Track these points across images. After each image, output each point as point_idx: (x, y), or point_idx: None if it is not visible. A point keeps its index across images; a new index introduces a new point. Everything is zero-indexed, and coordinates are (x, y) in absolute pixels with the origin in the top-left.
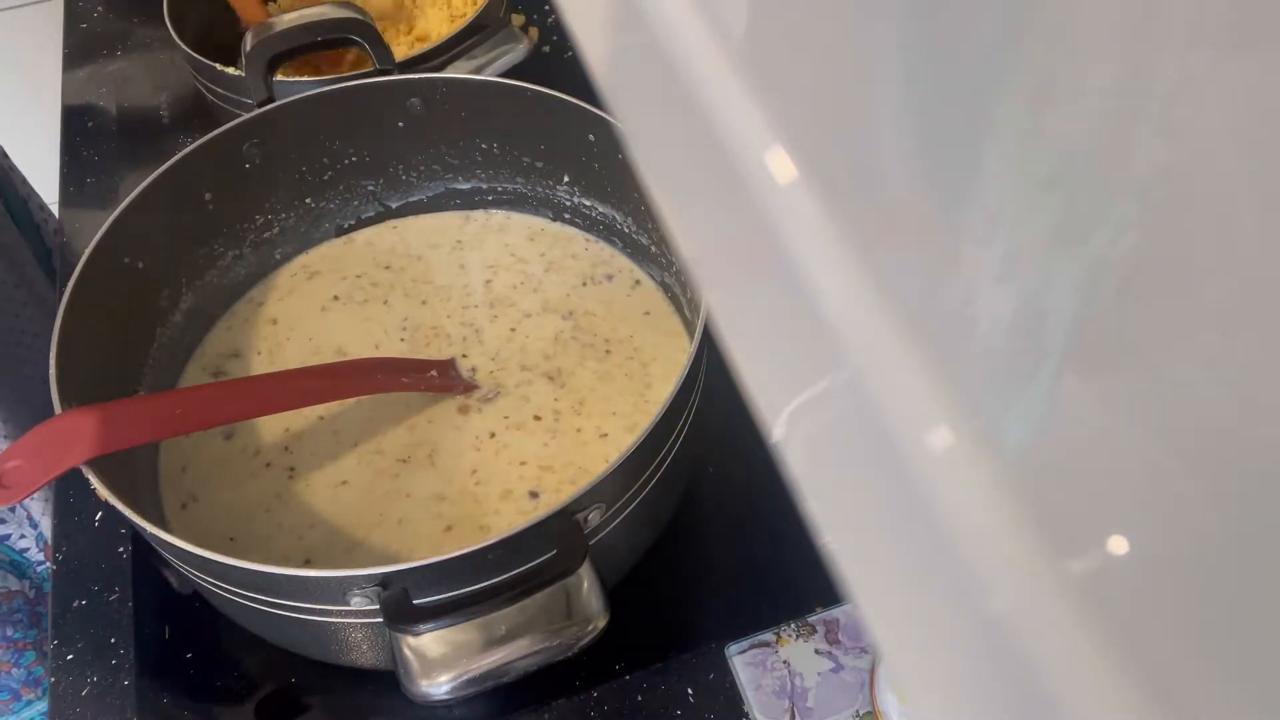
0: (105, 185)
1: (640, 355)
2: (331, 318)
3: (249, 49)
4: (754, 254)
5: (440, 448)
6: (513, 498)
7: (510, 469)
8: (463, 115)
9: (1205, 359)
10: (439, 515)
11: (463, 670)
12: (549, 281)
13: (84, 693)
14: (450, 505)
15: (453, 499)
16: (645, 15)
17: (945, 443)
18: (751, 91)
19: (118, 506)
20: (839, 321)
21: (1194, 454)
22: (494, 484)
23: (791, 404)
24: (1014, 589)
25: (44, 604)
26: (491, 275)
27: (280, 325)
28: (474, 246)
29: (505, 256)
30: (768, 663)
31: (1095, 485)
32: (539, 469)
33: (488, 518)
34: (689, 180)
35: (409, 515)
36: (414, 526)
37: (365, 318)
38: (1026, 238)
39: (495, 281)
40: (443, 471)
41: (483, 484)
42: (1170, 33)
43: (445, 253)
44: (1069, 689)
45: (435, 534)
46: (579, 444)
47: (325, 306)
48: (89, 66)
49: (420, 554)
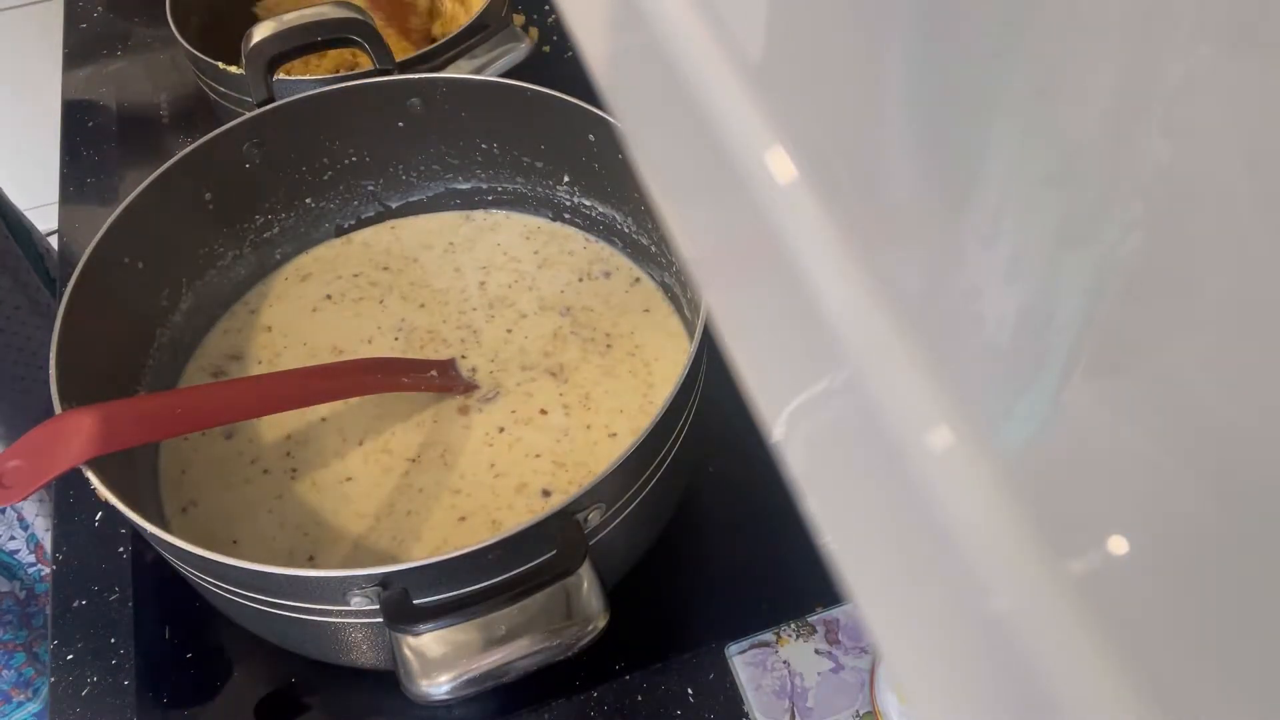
0: (105, 185)
1: (642, 353)
2: (324, 317)
3: (249, 49)
4: (754, 254)
5: (450, 446)
6: (527, 492)
7: (526, 462)
8: (463, 115)
9: (1205, 359)
10: (453, 507)
11: (463, 670)
12: (546, 279)
13: (84, 693)
14: (465, 498)
15: (468, 491)
16: (645, 15)
17: (945, 443)
18: (751, 91)
19: (118, 506)
20: (839, 321)
21: (1194, 454)
22: (511, 477)
23: (791, 404)
24: (1014, 589)
25: (35, 605)
26: (488, 275)
27: (275, 333)
28: (473, 246)
29: (501, 256)
30: (768, 663)
31: (1095, 485)
32: (553, 464)
33: (500, 511)
34: (689, 180)
35: (419, 508)
36: (424, 518)
37: (357, 314)
38: (1027, 237)
39: (492, 281)
40: (457, 466)
41: (501, 476)
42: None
43: (444, 253)
44: (1069, 689)
45: (448, 524)
46: (589, 443)
47: (317, 307)
48: (89, 66)
49: (432, 542)
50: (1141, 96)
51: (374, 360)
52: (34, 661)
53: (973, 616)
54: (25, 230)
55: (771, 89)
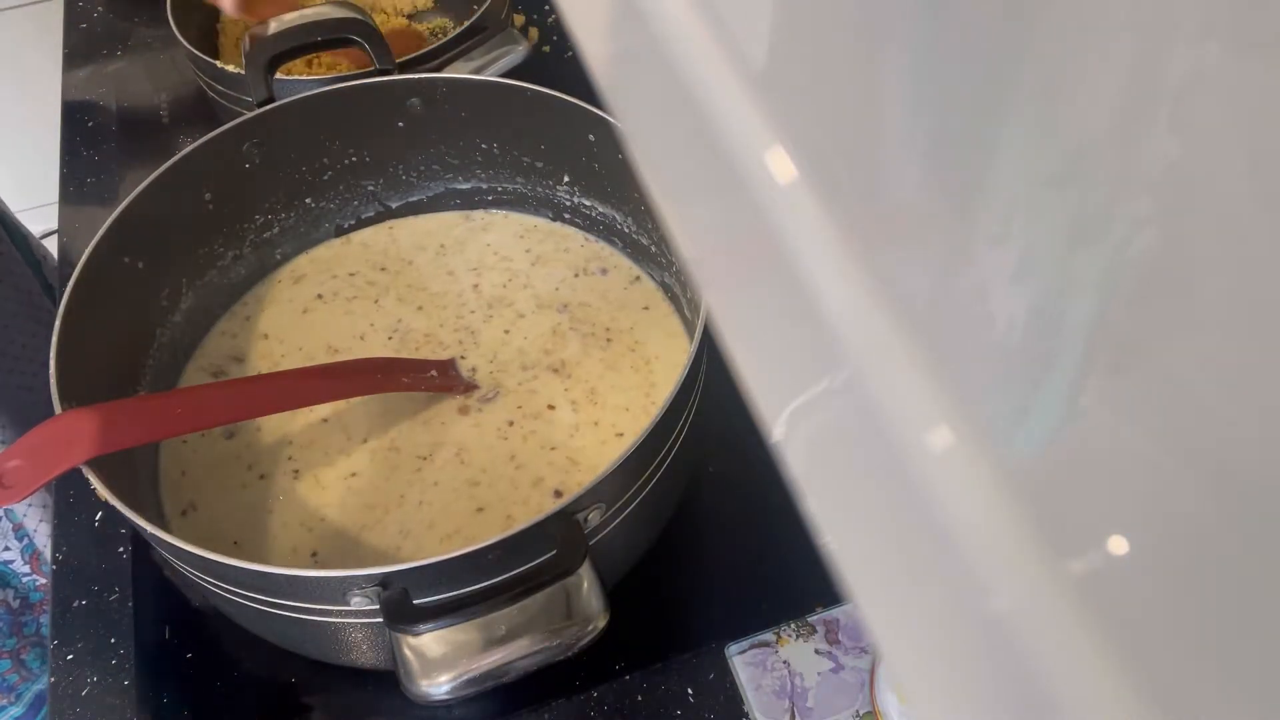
0: (105, 185)
1: (642, 349)
2: (319, 317)
3: (249, 49)
4: (754, 254)
5: (459, 443)
6: (543, 487)
7: (541, 454)
8: (463, 115)
9: (1205, 359)
10: (472, 498)
11: (463, 670)
12: (543, 276)
13: (84, 693)
14: (485, 490)
15: (487, 484)
16: (645, 15)
17: (945, 443)
18: (751, 91)
19: (118, 507)
20: (839, 321)
21: (1194, 454)
22: (529, 469)
23: (791, 404)
24: (1014, 589)
25: (30, 614)
26: (487, 275)
27: (272, 339)
28: (473, 246)
29: (501, 255)
30: (768, 663)
31: (1095, 485)
32: (568, 460)
33: (514, 507)
34: (689, 180)
35: (432, 499)
36: (439, 510)
37: (348, 312)
38: (1027, 237)
39: (491, 281)
40: (473, 461)
41: (522, 468)
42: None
43: (442, 253)
44: (1069, 689)
45: (466, 513)
46: (598, 442)
47: (308, 307)
48: (89, 66)
49: (446, 530)
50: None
51: (374, 360)
52: (20, 668)
53: (973, 616)
54: (23, 236)
55: (771, 89)
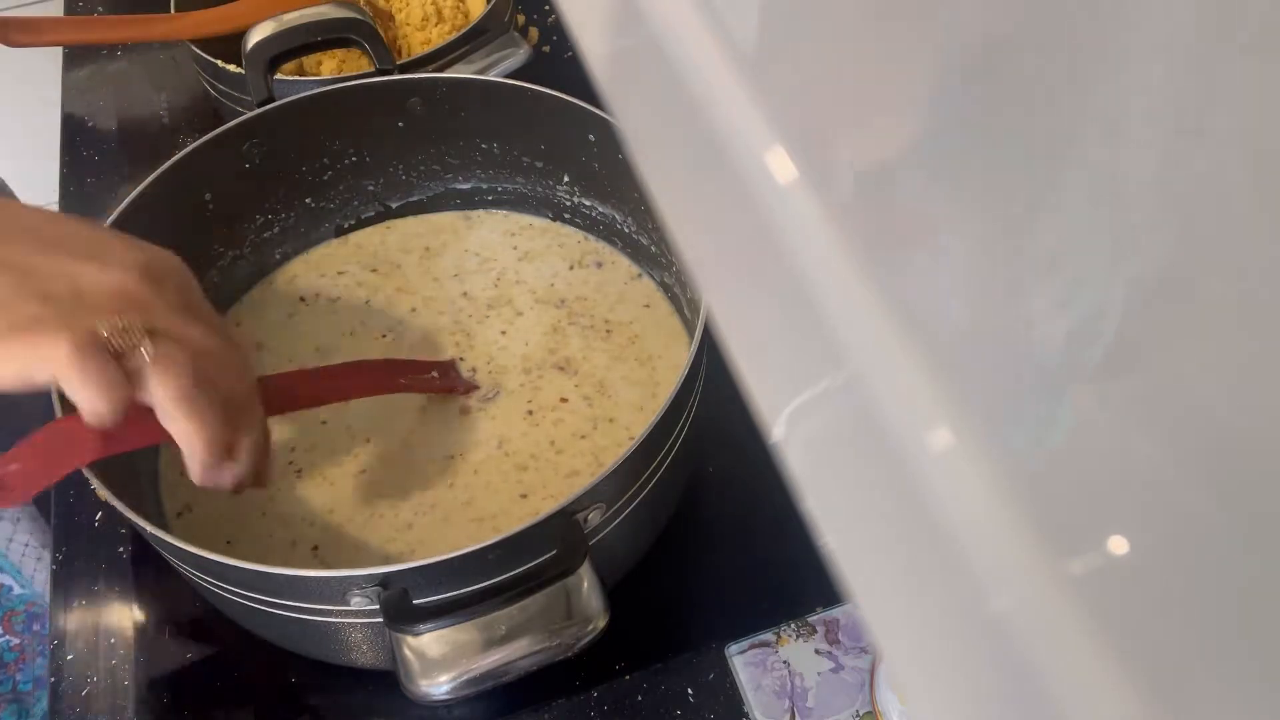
0: (105, 185)
1: (642, 344)
2: (314, 318)
3: (249, 49)
4: (754, 255)
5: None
6: (580, 479)
7: (573, 442)
8: (463, 115)
9: (1206, 361)
10: (519, 482)
11: (463, 670)
12: (540, 273)
13: (84, 692)
14: (531, 474)
15: (535, 469)
16: (645, 15)
17: (945, 443)
18: (752, 92)
19: (118, 507)
20: (839, 321)
21: (1194, 455)
22: (567, 455)
23: (791, 404)
24: (1014, 589)
25: (2, 672)
26: (485, 274)
27: (266, 350)
28: (473, 245)
29: (499, 254)
30: (768, 663)
31: (1095, 485)
32: (593, 456)
33: (543, 503)
34: (689, 180)
35: (439, 498)
36: (449, 507)
37: (353, 314)
38: (1028, 240)
39: (488, 280)
40: (501, 453)
41: (563, 453)
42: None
43: (442, 252)
44: (1069, 689)
45: (512, 499)
46: (614, 444)
47: (293, 312)
48: (89, 66)
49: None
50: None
51: (373, 361)
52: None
53: (973, 617)
54: None
55: (772, 89)
